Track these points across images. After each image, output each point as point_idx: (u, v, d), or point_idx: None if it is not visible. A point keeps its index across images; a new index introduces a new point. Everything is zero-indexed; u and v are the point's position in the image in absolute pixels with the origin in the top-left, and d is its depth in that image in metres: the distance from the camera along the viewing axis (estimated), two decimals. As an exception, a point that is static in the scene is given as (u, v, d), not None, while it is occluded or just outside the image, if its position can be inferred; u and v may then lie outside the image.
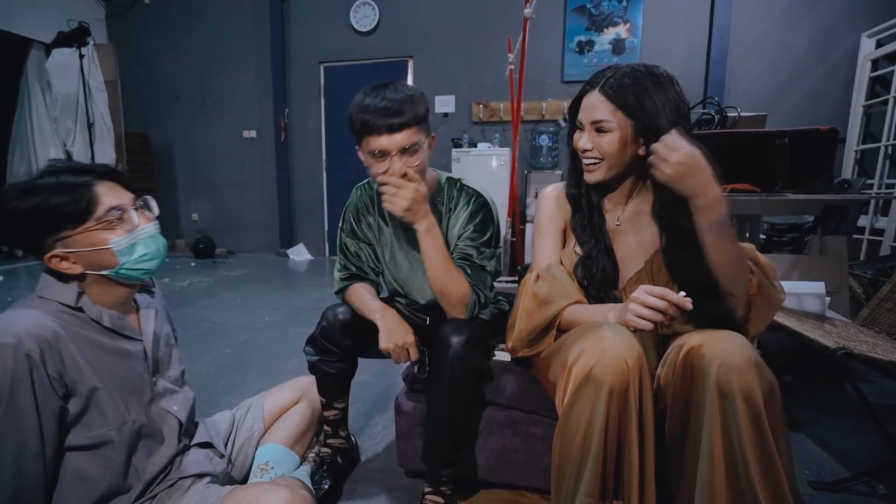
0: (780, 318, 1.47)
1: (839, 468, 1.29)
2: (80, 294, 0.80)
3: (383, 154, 0.96)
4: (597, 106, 0.88)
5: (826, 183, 1.75)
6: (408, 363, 1.03)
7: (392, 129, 0.94)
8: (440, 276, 1.00)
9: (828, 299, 1.56)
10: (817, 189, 1.74)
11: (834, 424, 1.52)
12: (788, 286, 1.62)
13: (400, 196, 0.94)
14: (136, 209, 0.82)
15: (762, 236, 2.52)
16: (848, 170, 3.65)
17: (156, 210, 0.87)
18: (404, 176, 0.97)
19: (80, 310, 0.80)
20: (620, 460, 0.73)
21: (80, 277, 0.80)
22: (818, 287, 1.56)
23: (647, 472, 0.74)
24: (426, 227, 0.98)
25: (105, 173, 0.81)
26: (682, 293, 0.75)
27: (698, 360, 0.75)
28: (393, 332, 0.99)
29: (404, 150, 0.96)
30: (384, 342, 0.98)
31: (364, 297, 1.10)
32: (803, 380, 1.82)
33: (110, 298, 0.84)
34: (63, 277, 0.81)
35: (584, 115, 0.91)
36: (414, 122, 0.96)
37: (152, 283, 0.98)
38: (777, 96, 3.93)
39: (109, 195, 0.79)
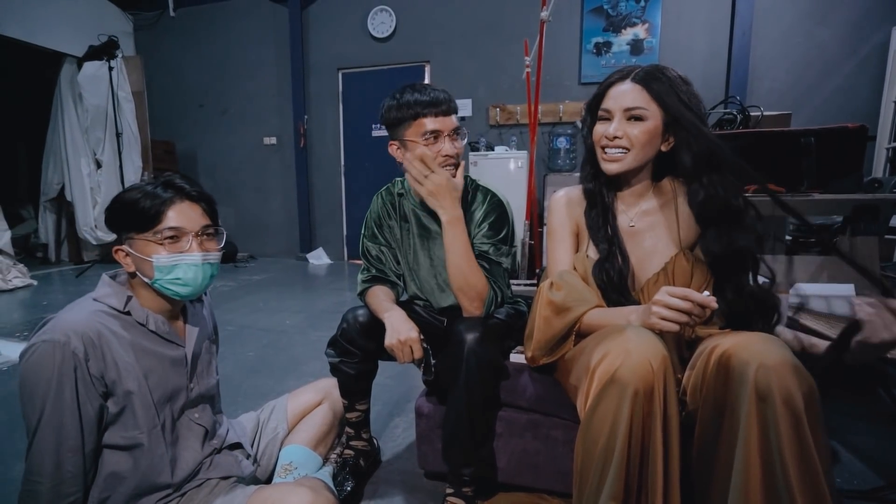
0: (808, 321, 1.42)
1: (873, 476, 1.25)
2: (129, 298, 0.86)
3: (436, 135, 1.05)
4: (631, 93, 0.88)
5: (855, 182, 1.70)
6: (417, 363, 1.03)
7: (447, 112, 1.06)
8: (461, 267, 1.03)
9: (858, 302, 1.51)
10: (846, 188, 1.69)
11: (866, 431, 1.47)
12: (816, 288, 1.58)
13: (431, 179, 1.01)
14: (197, 236, 0.86)
15: (788, 237, 2.45)
16: (879, 168, 3.53)
17: (222, 241, 0.93)
18: (450, 166, 1.06)
19: (128, 314, 0.85)
20: (644, 464, 0.72)
21: (132, 275, 0.87)
22: (848, 289, 1.51)
23: (672, 476, 0.73)
24: (448, 219, 1.02)
25: (192, 196, 0.87)
26: (707, 292, 0.74)
27: (734, 362, 0.73)
28: (397, 328, 1.00)
29: (454, 132, 1.06)
30: (388, 339, 1.00)
31: (379, 299, 1.13)
32: (834, 385, 1.76)
33: (156, 304, 0.89)
34: (121, 277, 0.90)
35: (613, 104, 0.90)
36: (456, 110, 1.09)
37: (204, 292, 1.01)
38: (804, 94, 3.83)
39: (179, 216, 0.84)
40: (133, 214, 0.82)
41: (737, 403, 0.71)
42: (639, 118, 0.88)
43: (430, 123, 1.04)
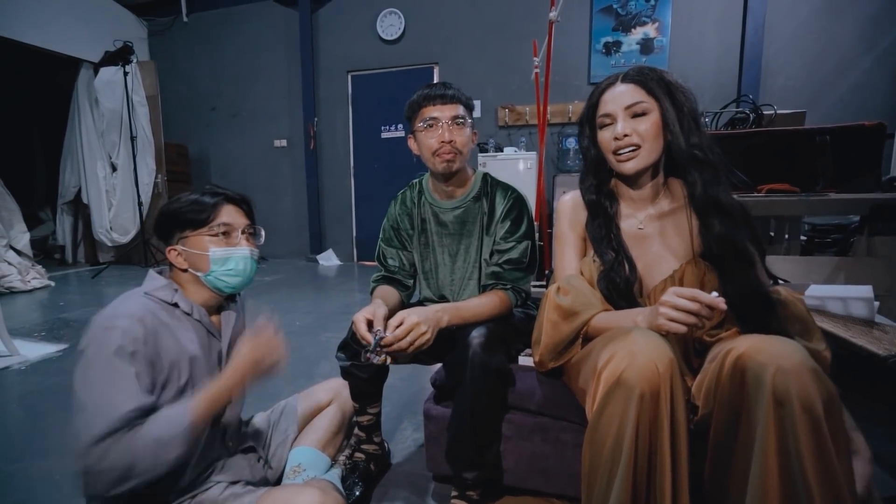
0: (825, 323, 1.40)
1: (891, 482, 1.22)
2: (175, 291, 0.93)
3: (435, 122, 1.11)
4: (628, 92, 0.90)
5: (873, 181, 1.67)
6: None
7: (445, 101, 1.12)
8: (488, 314, 1.08)
9: (877, 304, 1.48)
10: (863, 188, 1.66)
11: (885, 436, 1.43)
12: (833, 290, 1.55)
13: (419, 340, 0.94)
14: (243, 233, 0.97)
15: (803, 237, 2.41)
16: (898, 166, 3.45)
17: (262, 240, 1.02)
18: (447, 153, 1.12)
19: (176, 305, 0.92)
20: (652, 468, 0.71)
21: (184, 271, 0.94)
22: (866, 291, 1.48)
23: (681, 481, 0.71)
24: (448, 319, 1.01)
25: (236, 199, 0.98)
26: (715, 293, 0.73)
27: (750, 365, 0.70)
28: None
29: (453, 119, 1.11)
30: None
31: (374, 296, 1.18)
32: (851, 389, 1.72)
33: (201, 297, 0.96)
34: (170, 273, 0.97)
35: (613, 106, 0.91)
36: (462, 102, 1.14)
37: (238, 294, 1.08)
38: (819, 91, 3.76)
39: (227, 215, 0.95)
40: (188, 216, 0.92)
41: (753, 408, 0.69)
42: (642, 113, 0.89)
43: (428, 111, 1.12)
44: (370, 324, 0.97)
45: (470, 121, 1.15)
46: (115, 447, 0.75)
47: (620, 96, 0.90)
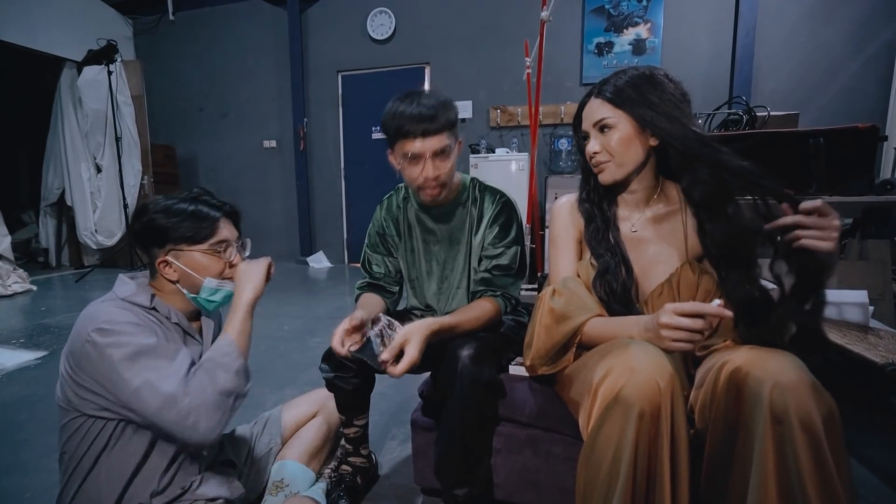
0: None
1: (889, 491, 1.20)
2: (152, 296, 0.92)
3: (417, 157, 1.01)
4: (595, 109, 0.90)
5: (866, 184, 1.65)
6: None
7: (426, 134, 0.98)
8: (478, 325, 1.03)
9: (871, 308, 1.47)
10: (856, 190, 1.65)
11: (883, 445, 1.42)
12: (828, 295, 1.53)
13: (401, 370, 0.89)
14: (235, 247, 0.97)
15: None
16: (888, 169, 3.46)
17: (248, 252, 1.01)
18: (432, 188, 1.05)
19: (154, 309, 0.92)
20: (651, 490, 0.68)
21: (174, 282, 0.93)
22: (860, 296, 1.46)
23: (681, 502, 0.68)
24: (436, 330, 0.94)
25: (230, 212, 0.97)
26: (717, 301, 0.70)
27: (746, 380, 0.68)
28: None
29: (436, 154, 1.00)
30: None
31: (359, 305, 1.13)
32: (846, 398, 1.71)
33: (180, 305, 0.96)
34: (151, 280, 0.96)
35: (585, 124, 0.93)
36: (445, 128, 1.00)
37: None
38: (810, 94, 3.77)
39: (224, 230, 0.94)
40: (187, 230, 0.89)
41: (751, 425, 0.66)
42: (608, 127, 0.89)
43: (410, 146, 0.99)
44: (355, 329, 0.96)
45: (457, 141, 1.05)
46: (192, 383, 0.80)
47: (591, 113, 0.92)
